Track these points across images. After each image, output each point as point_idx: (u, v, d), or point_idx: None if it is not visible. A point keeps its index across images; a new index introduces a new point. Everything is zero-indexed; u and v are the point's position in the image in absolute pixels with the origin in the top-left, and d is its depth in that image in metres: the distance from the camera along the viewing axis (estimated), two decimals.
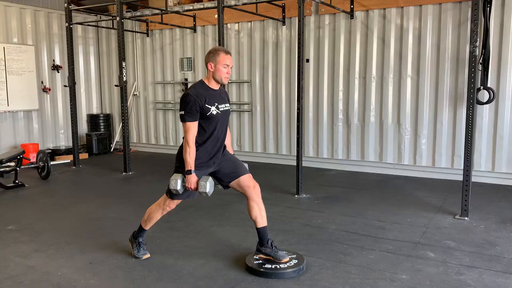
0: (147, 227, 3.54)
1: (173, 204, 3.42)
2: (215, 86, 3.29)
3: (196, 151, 3.20)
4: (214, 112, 3.21)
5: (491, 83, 5.73)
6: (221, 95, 3.34)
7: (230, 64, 3.25)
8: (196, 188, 3.18)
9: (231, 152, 3.52)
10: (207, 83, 3.27)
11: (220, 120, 3.27)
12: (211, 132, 3.25)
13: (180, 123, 8.77)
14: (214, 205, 5.07)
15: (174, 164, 3.35)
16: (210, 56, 3.23)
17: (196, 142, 3.21)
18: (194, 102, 3.12)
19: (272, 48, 7.50)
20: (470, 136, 4.47)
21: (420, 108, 6.39)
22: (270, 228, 3.50)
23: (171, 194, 3.32)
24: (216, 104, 3.24)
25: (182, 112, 3.15)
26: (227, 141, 3.47)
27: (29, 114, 8.38)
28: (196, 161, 3.20)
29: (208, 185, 3.16)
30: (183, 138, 3.26)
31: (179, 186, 3.20)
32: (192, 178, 3.17)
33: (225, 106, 3.33)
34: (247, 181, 3.34)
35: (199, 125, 3.21)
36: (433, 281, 3.13)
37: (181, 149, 3.28)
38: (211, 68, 3.22)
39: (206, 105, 3.18)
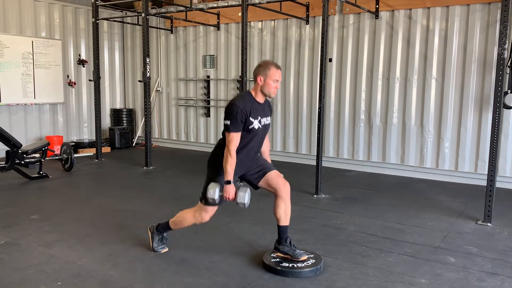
0: (174, 228, 3.52)
1: (207, 216, 3.35)
2: (261, 99, 3.24)
3: None
4: (256, 126, 3.18)
5: None
6: (265, 109, 3.30)
7: (279, 79, 3.20)
8: (234, 199, 3.16)
9: (268, 161, 3.48)
10: (254, 96, 3.23)
11: (258, 133, 3.24)
12: (247, 143, 3.21)
13: (202, 121, 8.87)
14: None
15: (196, 163, 3.34)
16: (261, 69, 3.18)
17: None
18: (241, 113, 3.08)
19: (294, 47, 7.48)
20: (495, 140, 4.37)
21: (444, 111, 6.28)
22: None
23: (206, 201, 3.26)
24: (259, 118, 3.21)
25: (228, 122, 3.09)
26: (265, 149, 3.48)
27: (55, 107, 8.56)
28: None
29: (247, 197, 3.13)
30: (216, 148, 3.26)
31: (216, 196, 3.15)
32: (231, 189, 3.12)
33: (266, 120, 3.30)
34: (277, 180, 3.31)
35: None
36: (453, 287, 3.07)
37: (213, 156, 3.26)
38: (260, 81, 3.17)
39: (250, 118, 3.14)
